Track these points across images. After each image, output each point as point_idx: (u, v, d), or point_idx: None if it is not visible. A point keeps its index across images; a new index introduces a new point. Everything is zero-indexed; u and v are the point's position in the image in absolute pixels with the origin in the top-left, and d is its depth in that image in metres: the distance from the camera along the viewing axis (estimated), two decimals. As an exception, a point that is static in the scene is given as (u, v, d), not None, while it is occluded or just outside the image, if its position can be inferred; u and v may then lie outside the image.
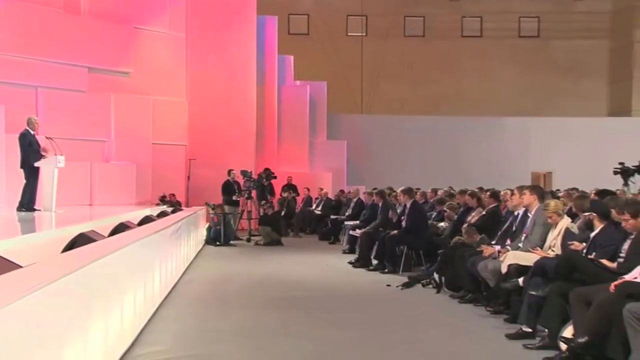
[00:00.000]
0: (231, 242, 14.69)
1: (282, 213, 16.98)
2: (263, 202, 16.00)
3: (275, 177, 17.00)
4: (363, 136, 22.87)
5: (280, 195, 18.38)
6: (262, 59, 19.81)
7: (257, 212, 16.01)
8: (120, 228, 7.28)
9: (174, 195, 17.03)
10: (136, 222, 8.76)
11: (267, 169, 17.10)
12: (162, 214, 11.39)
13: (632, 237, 5.46)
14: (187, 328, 6.39)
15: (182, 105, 18.24)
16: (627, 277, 5.03)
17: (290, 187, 18.69)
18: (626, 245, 5.49)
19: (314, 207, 18.25)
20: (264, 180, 16.51)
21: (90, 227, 6.80)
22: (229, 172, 16.58)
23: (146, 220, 9.30)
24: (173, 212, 12.55)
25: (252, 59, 19.03)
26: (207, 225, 14.99)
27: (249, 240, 15.16)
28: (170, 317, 6.80)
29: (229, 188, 16.45)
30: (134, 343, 5.49)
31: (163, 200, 16.60)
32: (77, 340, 3.59)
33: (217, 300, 8.00)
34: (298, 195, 18.82)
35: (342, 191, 18.44)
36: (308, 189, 18.85)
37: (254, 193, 16.28)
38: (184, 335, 6.08)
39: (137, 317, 5.74)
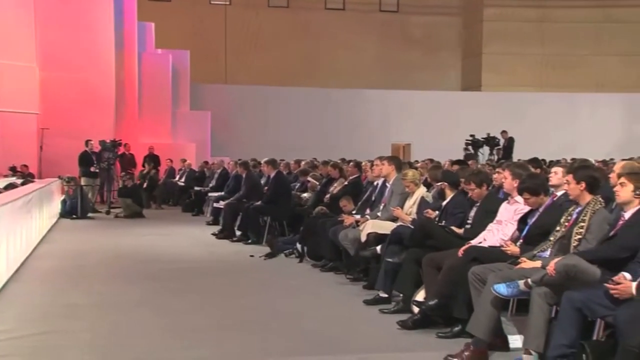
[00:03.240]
0: (89, 214, 14.07)
1: (144, 185, 16.50)
2: (123, 173, 15.43)
3: (120, 144, 16.33)
4: (227, 107, 22.62)
5: (143, 166, 17.83)
6: (121, 25, 18.91)
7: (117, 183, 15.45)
8: (-39, 202, 6.74)
9: (26, 166, 15.99)
10: (-20, 195, 8.15)
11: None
12: (11, 186, 10.68)
13: (478, 205, 5.83)
14: (36, 305, 6.08)
15: (32, 71, 17.04)
16: (473, 242, 5.37)
17: (152, 158, 18.15)
18: (473, 213, 5.86)
19: (177, 178, 17.88)
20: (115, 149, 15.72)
21: None
22: (87, 142, 15.79)
23: (-9, 193, 8.68)
24: (23, 184, 11.81)
25: (109, 25, 18.10)
26: (62, 198, 14.24)
27: (108, 212, 14.60)
28: (17, 294, 6.44)
29: (86, 159, 15.68)
30: (-24, 324, 5.15)
31: (14, 171, 15.53)
32: None
33: (71, 275, 7.66)
34: (159, 165, 18.33)
35: (206, 162, 18.17)
36: (171, 160, 18.39)
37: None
38: (31, 312, 5.78)
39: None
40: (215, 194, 13.42)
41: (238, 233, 10.83)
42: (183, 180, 17.36)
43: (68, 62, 17.23)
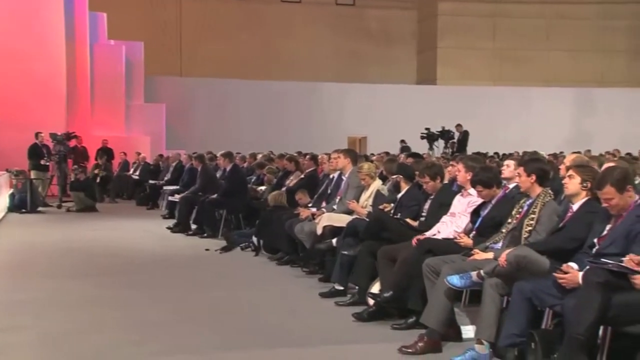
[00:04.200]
0: (39, 209, 13.75)
1: (98, 179, 16.22)
2: (75, 167, 15.13)
3: (74, 137, 16.03)
4: (183, 99, 22.38)
5: (96, 159, 17.52)
6: (71, 14, 18.48)
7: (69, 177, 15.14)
8: None
9: (-27, 159, 15.53)
10: None
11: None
12: (-43, 181, 10.37)
13: (432, 197, 5.90)
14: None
15: (-23, 61, 16.54)
16: (428, 234, 5.44)
17: (105, 151, 17.84)
18: (427, 205, 5.93)
19: (131, 172, 17.62)
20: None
21: None
22: (37, 134, 15.43)
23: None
24: (-30, 178, 11.48)
25: (59, 14, 17.67)
26: (10, 192, 13.89)
27: (59, 206, 14.30)
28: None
29: (36, 152, 15.32)
30: None
31: (-41, 165, 15.06)
32: None
33: (19, 270, 7.49)
34: (113, 158, 18.05)
35: (160, 155, 17.97)
36: (124, 154, 18.12)
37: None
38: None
39: None
40: (171, 188, 13.29)
41: (193, 227, 10.73)
42: (137, 173, 17.14)
43: (16, 52, 16.74)
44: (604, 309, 3.53)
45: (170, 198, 12.69)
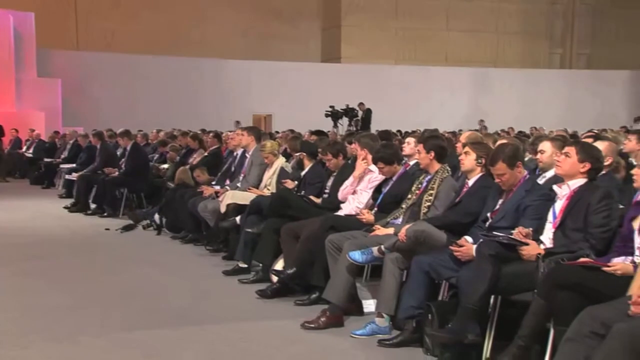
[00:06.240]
0: None
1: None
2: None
3: None
4: (80, 74, 21.43)
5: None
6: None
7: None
8: None
9: None
10: None
11: None
12: None
13: (335, 175, 5.97)
14: None
15: None
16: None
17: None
18: (330, 183, 6.00)
19: (24, 149, 16.78)
20: None
21: None
22: None
23: None
24: None
25: None
26: None
27: (-56, 187, 13.46)
28: None
29: None
30: None
31: None
32: None
33: None
34: (4, 135, 17.12)
35: (56, 132, 17.19)
36: (16, 130, 17.22)
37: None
38: None
39: None
40: (68, 166, 12.78)
41: (93, 206, 10.40)
42: (31, 151, 16.35)
43: None
44: (495, 280, 3.70)
45: (67, 177, 12.21)
